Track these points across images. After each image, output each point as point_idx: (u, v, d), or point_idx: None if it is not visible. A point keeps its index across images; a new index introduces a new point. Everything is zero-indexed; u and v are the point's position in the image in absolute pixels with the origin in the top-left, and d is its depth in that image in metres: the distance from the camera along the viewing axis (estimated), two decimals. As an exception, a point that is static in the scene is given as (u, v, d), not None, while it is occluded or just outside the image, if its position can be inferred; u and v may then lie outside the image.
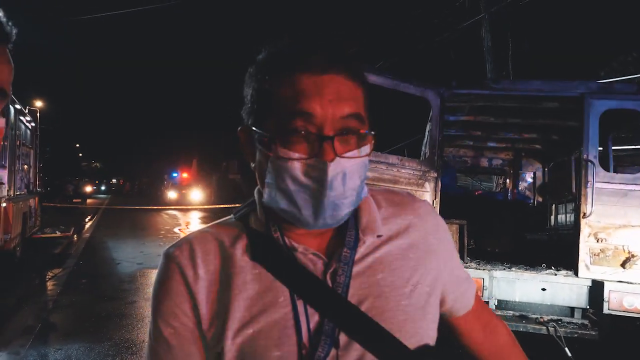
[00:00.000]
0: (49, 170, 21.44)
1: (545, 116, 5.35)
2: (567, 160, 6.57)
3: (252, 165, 0.83)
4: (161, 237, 13.74)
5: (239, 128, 0.84)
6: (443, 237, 0.91)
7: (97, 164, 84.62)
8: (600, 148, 4.28)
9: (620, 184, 3.97)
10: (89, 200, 31.66)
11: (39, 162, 11.49)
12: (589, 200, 3.93)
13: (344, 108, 0.74)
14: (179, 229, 16.11)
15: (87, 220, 18.43)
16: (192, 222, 19.25)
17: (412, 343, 0.79)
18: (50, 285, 7.36)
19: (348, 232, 0.82)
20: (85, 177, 48.23)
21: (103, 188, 45.81)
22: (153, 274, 8.20)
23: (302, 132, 0.73)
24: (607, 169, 4.47)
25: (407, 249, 0.85)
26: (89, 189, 35.71)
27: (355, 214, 0.84)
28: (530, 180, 7.78)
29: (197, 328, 0.79)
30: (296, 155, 0.73)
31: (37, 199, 11.28)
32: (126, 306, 6.17)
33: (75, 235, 13.02)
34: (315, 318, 0.77)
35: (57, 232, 12.38)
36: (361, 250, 0.82)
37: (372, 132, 0.78)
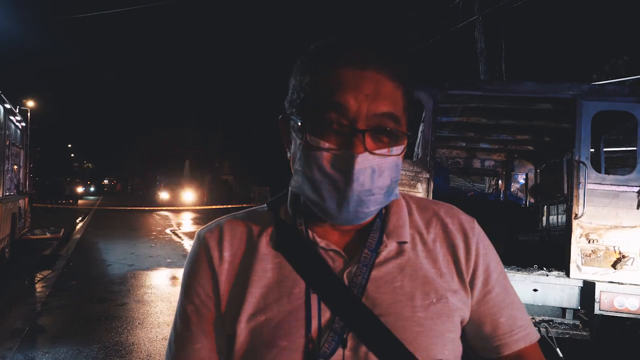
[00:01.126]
0: (40, 170, 21.25)
1: (538, 117, 5.36)
2: (559, 162, 6.60)
3: (288, 154, 0.84)
4: (152, 238, 13.65)
5: (280, 116, 0.85)
6: (480, 256, 0.85)
7: (89, 165, 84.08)
8: (592, 149, 4.29)
9: (611, 185, 3.98)
10: (80, 201, 31.43)
11: (29, 163, 11.37)
12: (581, 201, 3.94)
13: (380, 106, 0.74)
14: (171, 230, 16.01)
15: (78, 221, 18.28)
16: (184, 223, 19.15)
17: (422, 357, 0.76)
18: (39, 287, 7.27)
19: (372, 233, 0.81)
20: (76, 177, 47.89)
21: (92, 189, 45.14)
22: (144, 276, 8.15)
23: (334, 124, 0.74)
24: (598, 171, 4.48)
25: (434, 261, 0.82)
26: (80, 189, 35.41)
27: (384, 216, 0.83)
28: (522, 181, 7.80)
29: (216, 308, 0.81)
30: (326, 145, 0.74)
31: (26, 199, 11.17)
32: (116, 308, 6.11)
33: (66, 237, 12.89)
34: (327, 314, 0.76)
35: (47, 233, 12.26)
36: (383, 254, 0.81)
37: (408, 133, 0.77)
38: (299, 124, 0.77)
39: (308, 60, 0.80)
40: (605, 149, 5.70)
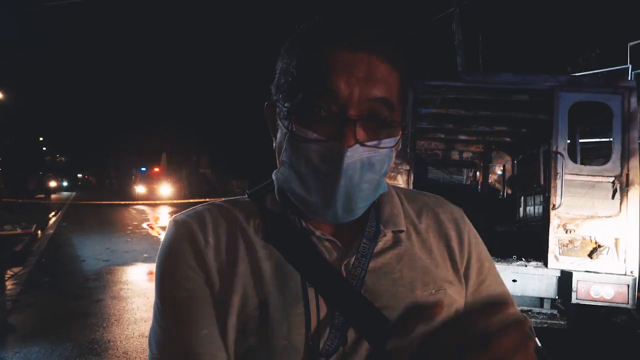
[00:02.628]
0: (9, 164, 20.64)
1: (516, 109, 5.40)
2: (536, 153, 6.69)
3: (274, 144, 0.77)
4: (129, 233, 13.40)
5: (266, 103, 0.78)
6: (472, 246, 0.83)
7: (62, 158, 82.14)
8: (568, 140, 4.34)
9: (588, 175, 4.03)
10: (53, 196, 30.68)
11: (-3, 156, 11.01)
12: (559, 191, 3.98)
13: (373, 90, 0.67)
14: (148, 225, 15.76)
15: (50, 216, 17.83)
16: (162, 218, 18.87)
17: None
18: (9, 284, 7.04)
19: (369, 222, 0.76)
20: (49, 171, 46.72)
21: (65, 184, 43.46)
22: (120, 272, 7.98)
23: (323, 111, 0.67)
24: (575, 161, 4.54)
25: (429, 251, 0.79)
26: (53, 184, 34.56)
27: (377, 206, 0.78)
28: (500, 172, 7.90)
29: (210, 293, 0.71)
30: (314, 135, 0.68)
31: (-5, 194, 10.82)
32: (91, 305, 5.96)
33: (38, 232, 12.55)
34: (324, 309, 0.70)
35: (18, 229, 11.89)
36: (381, 244, 0.76)
37: (403, 123, 0.71)
38: (285, 111, 0.71)
39: (296, 40, 0.73)
40: (580, 140, 5.79)
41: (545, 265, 4.01)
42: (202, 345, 0.68)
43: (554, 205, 3.99)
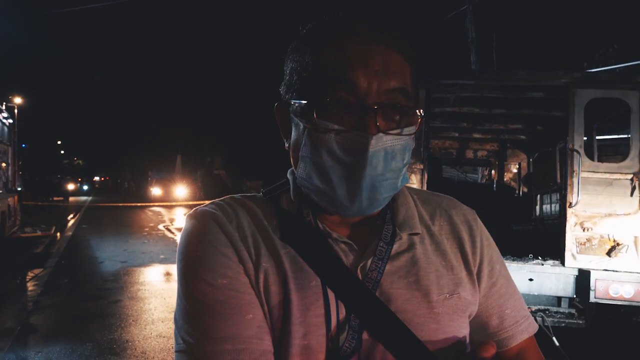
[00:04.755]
0: (29, 167, 21.02)
1: (530, 106, 5.35)
2: (552, 151, 6.61)
3: (286, 144, 0.78)
4: (145, 234, 13.56)
5: (276, 104, 0.79)
6: (485, 248, 0.83)
7: (80, 161, 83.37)
8: (585, 138, 4.28)
9: (605, 173, 3.97)
10: (71, 198, 31.17)
11: (17, 160, 11.23)
12: (575, 189, 3.93)
13: (391, 81, 0.69)
14: (164, 226, 15.92)
15: (69, 218, 18.12)
16: (177, 219, 19.04)
17: (441, 356, 0.71)
18: (30, 285, 7.18)
19: (385, 225, 0.77)
20: (67, 174, 47.44)
21: (85, 187, 43.49)
22: (137, 273, 8.09)
23: (343, 103, 0.68)
24: (592, 159, 4.47)
25: (443, 254, 0.79)
26: (71, 186, 35.08)
27: (392, 208, 0.78)
28: (515, 170, 7.82)
29: (249, 281, 0.70)
30: (335, 126, 0.68)
31: (16, 197, 11.04)
32: (109, 306, 6.05)
33: (57, 234, 12.77)
34: (343, 311, 0.71)
35: (37, 231, 12.13)
36: (396, 247, 0.76)
37: (420, 111, 0.72)
38: (303, 105, 0.71)
39: (308, 38, 0.74)
40: (597, 137, 5.70)
41: (563, 263, 3.96)
42: (248, 328, 0.67)
43: (570, 204, 3.94)
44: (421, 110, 0.73)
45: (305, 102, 0.71)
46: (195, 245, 0.71)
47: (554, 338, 3.80)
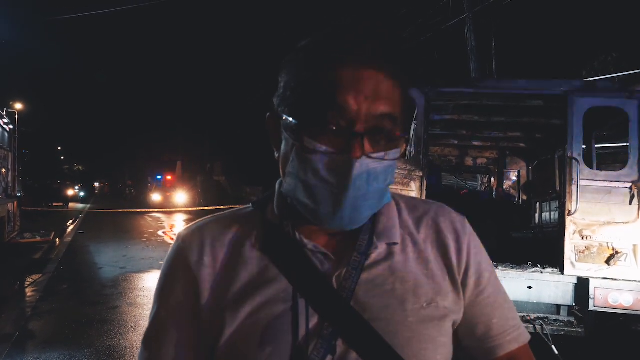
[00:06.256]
0: (29, 173, 21.03)
1: (529, 114, 5.36)
2: (551, 159, 6.62)
3: (276, 154, 0.80)
4: (144, 240, 13.55)
5: (268, 114, 0.81)
6: (472, 256, 0.82)
7: (80, 167, 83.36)
8: (584, 146, 4.29)
9: (604, 181, 3.98)
10: (71, 204, 31.15)
11: (17, 166, 11.24)
12: (574, 197, 3.94)
13: (380, 107, 0.70)
14: (163, 232, 15.91)
15: (68, 224, 18.10)
16: (177, 225, 19.02)
17: None
18: (29, 291, 7.18)
19: (361, 235, 0.78)
20: (67, 180, 47.43)
21: (82, 194, 42.84)
22: (136, 279, 8.07)
23: (333, 126, 0.70)
24: (590, 167, 4.49)
25: (425, 262, 0.80)
26: (71, 192, 35.05)
27: (373, 217, 0.80)
28: (514, 178, 7.83)
29: (195, 313, 0.77)
30: (323, 147, 0.70)
31: (15, 203, 11.03)
32: (108, 312, 6.04)
33: (56, 240, 12.75)
34: (314, 320, 0.73)
35: (37, 236, 12.11)
36: (373, 256, 0.77)
37: (405, 136, 0.75)
38: (294, 124, 0.73)
39: (304, 54, 0.75)
40: (596, 145, 5.72)
41: (562, 271, 3.96)
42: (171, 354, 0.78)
43: (569, 212, 3.95)
44: (407, 135, 0.76)
45: (296, 121, 0.73)
46: (162, 269, 0.83)
47: (553, 346, 3.79)
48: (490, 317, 0.82)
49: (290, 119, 0.74)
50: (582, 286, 3.88)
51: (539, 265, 4.20)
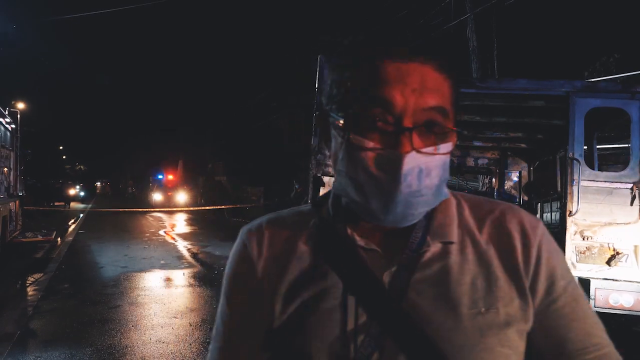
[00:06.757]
0: (31, 172, 21.08)
1: (531, 115, 5.36)
2: (552, 159, 6.62)
3: (327, 153, 0.83)
4: (146, 239, 13.57)
5: (317, 113, 0.83)
6: (543, 260, 0.75)
7: (82, 167, 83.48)
8: (585, 147, 4.29)
9: (605, 182, 3.98)
10: (72, 203, 31.19)
11: (20, 165, 11.26)
12: (575, 198, 3.94)
13: (428, 99, 0.69)
14: (164, 232, 15.93)
15: (70, 223, 18.13)
16: (178, 225, 19.05)
17: None
18: (30, 290, 7.19)
19: (414, 232, 0.75)
20: (69, 179, 47.49)
21: (82, 194, 42.37)
22: (137, 278, 8.08)
23: (379, 121, 0.69)
24: (592, 168, 4.49)
25: (486, 264, 0.74)
26: (72, 192, 35.09)
27: (429, 215, 0.77)
28: (516, 179, 7.82)
29: (252, 302, 0.80)
30: (370, 144, 0.69)
31: (17, 202, 11.05)
32: (109, 311, 6.05)
33: (58, 239, 12.78)
34: (363, 318, 0.72)
35: (38, 236, 12.12)
36: (427, 255, 0.74)
37: (456, 129, 0.73)
38: (341, 121, 0.73)
39: (348, 52, 0.76)
40: (598, 146, 5.71)
41: (563, 272, 3.95)
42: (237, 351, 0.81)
43: (570, 212, 3.95)
44: (457, 129, 0.73)
45: (343, 118, 0.72)
46: (228, 262, 0.86)
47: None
48: (566, 331, 0.74)
49: (338, 117, 0.74)
50: (582, 287, 3.87)
51: (539, 266, 4.20)
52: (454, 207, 0.79)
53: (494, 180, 7.95)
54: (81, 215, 22.30)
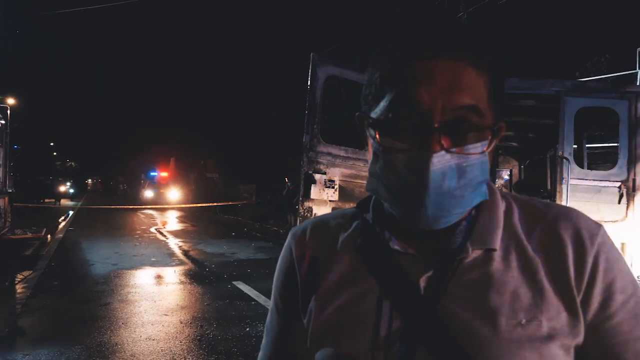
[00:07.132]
0: (21, 169, 20.90)
1: (522, 114, 5.40)
2: (543, 158, 6.67)
3: (367, 153, 0.81)
4: (137, 237, 13.51)
5: (357, 114, 0.81)
6: (599, 272, 0.69)
7: (72, 163, 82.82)
8: (575, 145, 4.33)
9: (594, 180, 4.02)
10: (62, 200, 30.95)
11: (9, 161, 11.15)
12: (564, 196, 3.97)
13: (459, 99, 0.65)
14: (156, 229, 15.86)
15: (60, 220, 18.00)
16: (169, 222, 18.97)
17: None
18: (19, 288, 7.13)
19: (453, 237, 0.72)
20: (59, 176, 47.12)
21: (72, 191, 41.74)
22: (128, 275, 8.04)
23: (407, 122, 0.67)
24: (581, 166, 4.53)
25: (531, 273, 0.69)
26: (63, 188, 34.82)
27: (473, 218, 0.73)
28: (507, 177, 7.88)
29: (297, 303, 0.82)
30: (398, 145, 0.68)
31: (6, 199, 10.96)
32: (99, 308, 6.01)
33: (48, 236, 12.68)
34: (397, 323, 0.70)
35: (28, 233, 12.01)
36: (467, 262, 0.71)
37: (492, 127, 0.68)
38: (371, 122, 0.72)
39: (379, 54, 0.74)
40: (587, 145, 5.77)
41: (552, 270, 4.00)
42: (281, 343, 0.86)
43: (560, 210, 3.98)
44: (495, 126, 0.69)
45: (372, 119, 0.71)
46: (277, 267, 0.90)
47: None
48: (622, 351, 0.68)
49: (369, 118, 0.73)
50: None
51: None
52: (501, 211, 0.75)
53: (485, 178, 7.99)
54: (71, 212, 22.13)
